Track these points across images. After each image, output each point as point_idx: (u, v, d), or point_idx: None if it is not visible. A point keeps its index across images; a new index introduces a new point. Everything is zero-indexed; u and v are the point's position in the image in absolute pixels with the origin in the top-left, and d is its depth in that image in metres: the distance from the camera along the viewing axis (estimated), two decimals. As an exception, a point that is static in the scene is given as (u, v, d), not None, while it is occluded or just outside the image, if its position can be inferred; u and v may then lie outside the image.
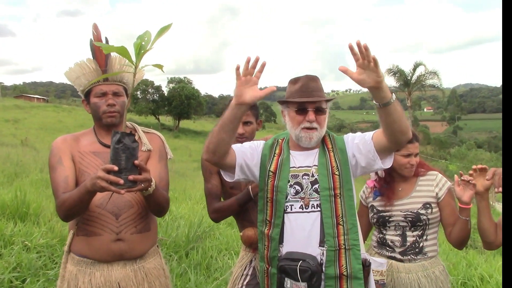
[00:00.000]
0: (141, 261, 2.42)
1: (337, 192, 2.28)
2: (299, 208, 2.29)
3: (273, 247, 2.31)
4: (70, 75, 2.46)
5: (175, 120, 56.76)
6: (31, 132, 32.32)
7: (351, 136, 2.39)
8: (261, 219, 2.40)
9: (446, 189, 2.71)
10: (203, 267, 5.05)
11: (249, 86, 2.08)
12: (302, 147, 2.38)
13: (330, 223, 2.25)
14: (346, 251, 2.24)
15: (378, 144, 2.22)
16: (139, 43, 1.97)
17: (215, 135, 2.19)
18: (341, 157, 2.33)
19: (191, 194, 10.50)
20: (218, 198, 2.88)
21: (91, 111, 2.45)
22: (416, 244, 2.70)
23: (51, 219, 5.77)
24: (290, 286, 2.21)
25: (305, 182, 2.32)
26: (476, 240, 8.48)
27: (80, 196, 2.14)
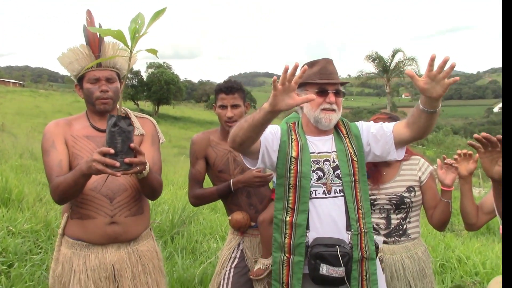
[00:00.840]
0: (135, 243, 2.46)
1: (356, 177, 2.35)
2: (322, 193, 2.32)
3: (299, 234, 2.29)
4: (63, 60, 2.46)
5: (154, 105, 56.24)
6: (7, 117, 31.71)
7: (365, 125, 2.46)
8: (280, 207, 2.35)
9: (428, 173, 2.81)
10: (188, 251, 5.11)
11: (287, 93, 1.98)
12: (318, 132, 2.41)
13: (353, 208, 2.31)
14: (365, 234, 2.32)
15: (398, 137, 2.30)
16: (134, 27, 1.96)
17: (243, 132, 2.13)
18: (356, 143, 2.39)
19: (173, 179, 10.51)
20: (200, 183, 2.94)
21: (84, 96, 2.45)
22: (400, 227, 2.79)
23: (34, 204, 5.75)
24: (327, 272, 2.20)
25: (326, 167, 2.35)
26: (454, 224, 8.70)
27: (75, 179, 2.17)
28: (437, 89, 1.99)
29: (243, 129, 2.12)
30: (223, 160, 2.89)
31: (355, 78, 44.62)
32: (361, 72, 43.99)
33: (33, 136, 16.17)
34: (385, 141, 2.33)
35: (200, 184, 2.94)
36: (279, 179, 2.36)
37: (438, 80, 1.97)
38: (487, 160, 1.93)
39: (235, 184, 2.80)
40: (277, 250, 2.37)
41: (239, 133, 2.14)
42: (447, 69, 1.93)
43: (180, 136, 35.79)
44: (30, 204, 5.69)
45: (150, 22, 1.96)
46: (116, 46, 2.46)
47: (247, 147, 2.22)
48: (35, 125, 25.83)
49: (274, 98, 1.98)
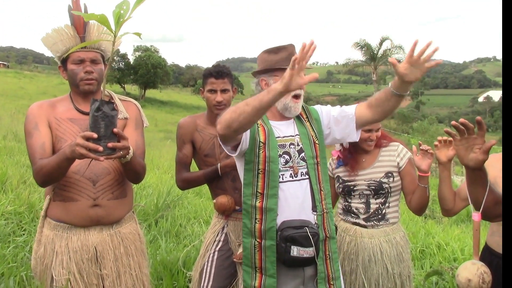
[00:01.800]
0: (117, 226, 2.48)
1: (318, 160, 2.40)
2: (289, 177, 2.34)
3: (269, 219, 2.29)
4: (47, 41, 2.45)
5: (141, 89, 55.82)
6: (-9, 98, 31.31)
7: (325, 108, 2.50)
8: (249, 193, 2.34)
9: (407, 159, 2.86)
10: (172, 235, 5.13)
11: (297, 74, 1.94)
12: (280, 117, 2.44)
13: (317, 189, 2.36)
14: (327, 215, 2.38)
15: (360, 118, 2.36)
16: (118, 12, 1.96)
17: (245, 117, 2.05)
18: (317, 126, 2.45)
19: (158, 163, 10.49)
20: (187, 167, 2.95)
21: (68, 78, 2.45)
22: (379, 211, 2.84)
23: (17, 187, 5.72)
24: (297, 253, 2.23)
25: (292, 151, 2.37)
26: (434, 211, 8.82)
27: (59, 162, 2.17)
28: (415, 73, 2.04)
29: (245, 113, 2.05)
30: (209, 144, 2.91)
31: (342, 66, 44.68)
32: (349, 60, 44.05)
33: (17, 118, 15.97)
34: (346, 123, 2.39)
35: (187, 168, 2.95)
36: (248, 164, 2.35)
37: (419, 65, 2.01)
38: (462, 148, 1.97)
39: (222, 169, 2.82)
40: (247, 236, 2.36)
41: (239, 118, 2.06)
42: (430, 53, 1.98)
43: (166, 121, 35.64)
44: (13, 186, 5.66)
45: (134, 7, 1.96)
46: (101, 27, 2.44)
47: (241, 133, 2.19)
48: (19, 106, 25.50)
49: (290, 78, 1.93)
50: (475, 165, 1.93)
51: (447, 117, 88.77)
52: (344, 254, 2.88)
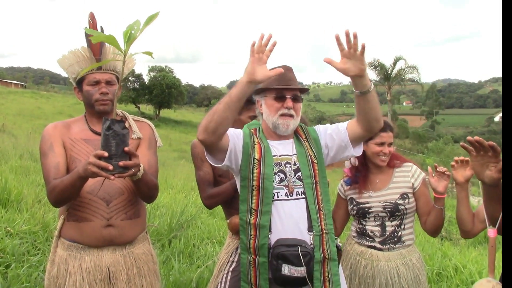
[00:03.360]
0: (130, 246, 2.48)
1: (317, 179, 2.39)
2: (284, 195, 2.35)
3: (262, 235, 2.32)
4: (63, 62, 2.49)
5: (155, 109, 56.30)
6: (9, 118, 31.73)
7: (322, 127, 2.52)
8: (244, 209, 2.39)
9: (421, 180, 2.83)
10: (185, 255, 5.11)
11: (260, 64, 2.09)
12: (278, 136, 2.45)
13: (314, 209, 2.35)
14: (326, 236, 2.36)
15: (353, 132, 2.36)
16: (128, 31, 1.99)
17: (219, 114, 2.11)
18: (316, 146, 2.45)
19: (172, 183, 10.50)
20: (211, 185, 2.91)
21: (83, 98, 2.48)
22: (395, 234, 2.80)
23: (32, 206, 5.75)
24: (288, 272, 2.23)
25: (288, 170, 2.39)
26: (451, 232, 8.70)
27: (72, 181, 2.19)
28: (357, 64, 2.05)
29: (218, 111, 2.11)
30: None
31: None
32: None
33: (34, 138, 16.16)
34: (340, 139, 2.39)
35: (211, 185, 2.92)
36: (243, 181, 2.39)
37: (353, 56, 2.02)
38: (478, 164, 1.97)
39: None
40: (244, 252, 2.41)
41: (213, 117, 2.11)
42: (354, 41, 2.00)
43: (180, 140, 35.82)
44: (28, 205, 5.70)
45: (143, 26, 1.99)
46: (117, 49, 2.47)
47: (220, 136, 2.18)
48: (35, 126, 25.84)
49: (251, 66, 2.08)
50: (490, 182, 1.95)
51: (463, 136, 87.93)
52: (360, 278, 2.83)
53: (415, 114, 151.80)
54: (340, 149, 2.42)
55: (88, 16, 2.42)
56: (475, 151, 1.95)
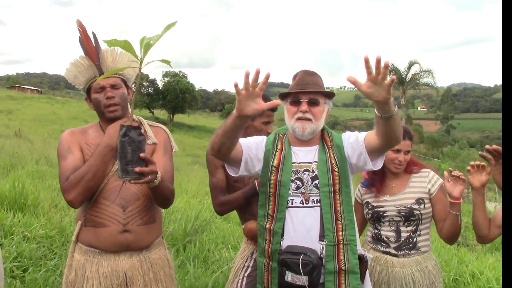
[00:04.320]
0: (146, 251, 2.49)
1: (336, 188, 2.34)
2: (299, 203, 2.35)
3: (275, 241, 2.36)
4: (69, 76, 2.53)
5: (169, 114, 56.61)
6: (25, 123, 32.10)
7: (347, 135, 2.45)
8: (262, 214, 2.44)
9: (438, 186, 2.81)
10: (200, 260, 5.13)
11: (252, 99, 2.02)
12: (301, 142, 2.44)
13: (330, 218, 2.31)
14: (344, 246, 2.31)
15: (370, 145, 2.28)
16: (143, 38, 1.99)
17: (219, 139, 2.19)
18: (339, 154, 2.40)
19: (186, 188, 10.55)
20: (223, 192, 2.93)
21: (94, 107, 2.51)
22: (410, 240, 2.78)
23: (49, 210, 5.82)
24: (291, 279, 2.25)
25: (305, 177, 2.37)
26: (467, 238, 8.60)
27: (101, 156, 2.32)
28: (381, 92, 1.92)
29: (218, 136, 2.19)
30: None
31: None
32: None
33: (49, 143, 16.35)
34: (359, 151, 2.32)
35: (224, 192, 2.93)
36: (262, 187, 2.44)
37: (379, 83, 1.90)
38: (497, 172, 1.93)
39: (259, 184, 2.81)
40: (260, 255, 2.45)
41: (215, 139, 2.21)
42: (383, 70, 1.87)
43: (194, 145, 35.95)
44: (45, 210, 5.77)
45: (160, 34, 1.99)
46: (115, 53, 2.50)
47: (225, 154, 2.26)
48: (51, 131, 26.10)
49: (239, 103, 2.02)
50: None
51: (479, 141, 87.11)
52: (375, 283, 2.81)
53: (430, 118, 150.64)
54: (360, 160, 2.34)
55: (76, 24, 2.43)
56: (494, 160, 1.93)
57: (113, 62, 2.49)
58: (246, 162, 2.38)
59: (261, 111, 2.07)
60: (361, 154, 2.32)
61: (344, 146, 2.41)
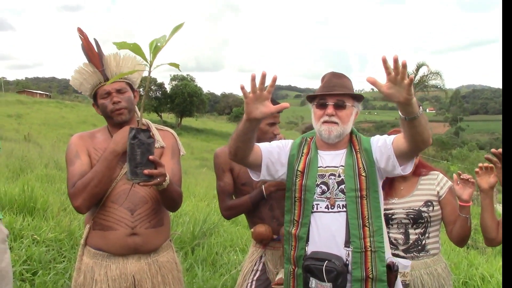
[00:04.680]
0: (155, 254, 2.50)
1: (363, 193, 2.27)
2: (324, 208, 2.30)
3: (299, 247, 2.31)
4: (74, 83, 2.55)
5: (177, 117, 56.79)
6: (34, 127, 32.34)
7: (376, 138, 2.37)
8: (288, 219, 2.39)
9: (447, 188, 2.79)
10: (208, 263, 5.13)
11: (260, 101, 2.02)
12: (328, 146, 2.39)
13: (356, 224, 2.25)
14: (372, 253, 2.24)
15: (398, 149, 2.19)
16: (153, 41, 2.00)
17: (233, 143, 2.22)
18: (367, 158, 2.32)
19: (194, 191, 10.56)
20: (230, 196, 2.94)
21: (101, 112, 2.52)
22: (419, 242, 2.77)
23: (58, 214, 5.85)
24: (315, 286, 2.20)
25: (331, 182, 2.32)
26: (477, 241, 8.55)
27: (107, 162, 2.33)
28: (402, 92, 1.87)
29: (233, 140, 2.23)
30: (246, 173, 2.90)
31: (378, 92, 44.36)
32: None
33: (58, 147, 16.43)
34: (387, 155, 2.24)
35: (230, 196, 2.94)
36: (287, 191, 2.40)
37: (399, 83, 1.84)
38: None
39: (267, 189, 2.81)
40: (287, 262, 2.41)
41: (231, 144, 2.25)
42: (401, 69, 1.82)
43: (202, 148, 36.02)
44: (54, 213, 5.79)
45: (169, 37, 2.00)
46: (118, 57, 2.51)
47: (242, 158, 2.28)
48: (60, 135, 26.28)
49: (247, 106, 2.04)
50: None
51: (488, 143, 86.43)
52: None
53: (438, 120, 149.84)
54: (388, 164, 2.25)
55: (77, 32, 2.45)
56: (500, 163, 1.92)
57: (117, 67, 2.50)
58: (267, 166, 2.37)
59: (270, 114, 2.07)
60: (389, 158, 2.23)
61: (372, 150, 2.32)
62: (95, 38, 2.47)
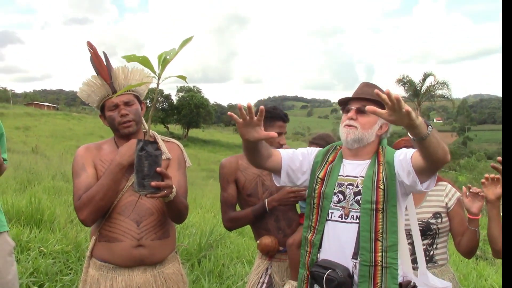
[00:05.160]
0: (160, 266, 2.49)
1: (379, 206, 2.22)
2: (338, 217, 2.28)
3: (312, 253, 2.32)
4: (82, 95, 2.56)
5: (184, 128, 56.98)
6: (41, 139, 32.56)
7: (399, 152, 2.31)
8: (306, 225, 2.40)
9: (456, 199, 2.77)
10: (215, 275, 5.10)
11: (252, 127, 2.12)
12: (353, 155, 2.36)
13: (368, 237, 2.20)
14: (383, 269, 2.18)
15: (416, 165, 2.12)
16: (161, 54, 2.01)
17: (246, 154, 2.33)
18: (388, 171, 2.26)
19: (201, 202, 10.55)
20: (233, 207, 2.94)
21: (108, 124, 2.53)
22: (427, 253, 2.74)
23: (65, 226, 5.86)
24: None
25: (348, 191, 2.29)
26: (486, 252, 8.46)
27: (113, 175, 2.34)
28: (403, 119, 1.86)
29: (244, 152, 2.33)
30: (252, 184, 2.91)
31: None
32: (392, 96, 43.56)
33: (66, 158, 16.52)
34: (407, 169, 2.17)
35: (233, 207, 2.95)
36: (308, 197, 2.42)
37: (398, 110, 1.83)
38: None
39: (269, 203, 2.81)
40: (302, 266, 2.41)
41: (244, 153, 2.35)
42: (396, 103, 1.80)
43: (209, 159, 36.08)
44: (61, 225, 5.80)
45: (177, 50, 2.01)
46: (127, 70, 2.52)
47: (258, 165, 2.38)
48: (67, 147, 26.42)
49: (239, 130, 2.15)
50: None
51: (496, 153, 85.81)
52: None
53: (446, 130, 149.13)
54: (409, 179, 2.17)
55: (87, 45, 2.47)
56: None
57: (125, 80, 2.51)
58: (287, 173, 2.40)
59: (261, 139, 2.17)
60: (409, 173, 2.16)
61: (394, 163, 2.26)
62: (104, 51, 2.49)
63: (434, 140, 1.94)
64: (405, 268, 2.28)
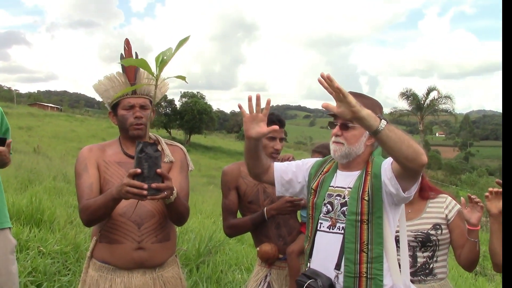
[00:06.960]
0: (160, 269, 2.49)
1: (364, 218, 2.18)
2: (326, 227, 2.29)
3: (306, 262, 2.36)
4: (99, 88, 2.55)
5: (186, 134, 56.97)
6: (44, 140, 32.60)
7: (386, 160, 2.24)
8: (307, 235, 2.42)
9: (456, 211, 2.76)
10: (213, 281, 5.09)
11: (256, 122, 2.19)
12: (345, 167, 2.35)
13: (353, 248, 2.18)
14: (367, 280, 2.16)
15: (395, 169, 2.09)
16: (159, 56, 2.03)
17: (245, 161, 2.41)
18: (374, 182, 2.21)
19: (201, 208, 10.54)
20: (234, 214, 2.95)
21: (118, 122, 2.53)
22: (427, 265, 2.74)
23: (64, 226, 5.86)
24: None
25: (336, 202, 2.28)
26: (486, 268, 8.43)
27: (105, 202, 2.24)
28: (347, 107, 1.88)
29: (244, 158, 2.41)
30: (253, 191, 2.91)
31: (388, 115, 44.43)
32: (395, 109, 43.71)
33: (67, 160, 16.56)
34: (390, 176, 2.12)
35: (234, 214, 2.96)
36: (307, 209, 2.44)
37: (343, 100, 1.86)
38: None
39: (268, 212, 2.82)
40: None
41: (245, 162, 2.43)
42: (330, 83, 1.85)
43: (210, 166, 36.06)
44: (61, 226, 5.81)
45: (175, 50, 2.03)
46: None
47: (257, 176, 2.45)
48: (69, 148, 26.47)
49: (244, 125, 2.21)
50: None
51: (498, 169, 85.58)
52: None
53: (448, 145, 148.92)
54: (393, 187, 2.12)
55: (124, 42, 2.49)
56: None
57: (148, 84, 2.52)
58: (281, 184, 2.45)
59: (264, 135, 2.21)
60: (391, 180, 2.11)
61: (381, 173, 2.20)
62: (136, 52, 2.50)
63: (393, 135, 1.91)
64: (395, 280, 2.23)
